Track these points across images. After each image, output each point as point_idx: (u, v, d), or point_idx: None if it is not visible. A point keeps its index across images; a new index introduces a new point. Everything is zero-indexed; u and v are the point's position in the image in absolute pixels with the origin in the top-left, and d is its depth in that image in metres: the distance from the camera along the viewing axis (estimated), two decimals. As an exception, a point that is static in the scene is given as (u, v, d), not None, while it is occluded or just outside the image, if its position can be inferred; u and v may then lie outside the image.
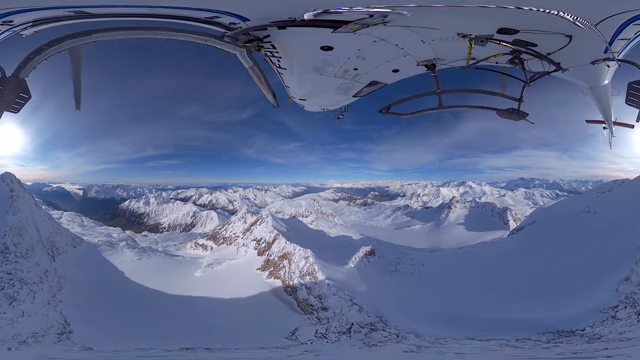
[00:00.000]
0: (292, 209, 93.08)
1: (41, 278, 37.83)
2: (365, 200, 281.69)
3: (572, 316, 30.37)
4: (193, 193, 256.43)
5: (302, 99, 12.92)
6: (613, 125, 13.40)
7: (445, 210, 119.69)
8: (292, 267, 51.68)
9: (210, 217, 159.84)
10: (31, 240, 42.19)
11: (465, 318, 35.12)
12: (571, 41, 8.05)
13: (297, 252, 53.83)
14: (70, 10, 7.64)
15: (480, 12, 7.41)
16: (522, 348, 25.98)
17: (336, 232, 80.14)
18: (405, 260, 60.42)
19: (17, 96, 8.29)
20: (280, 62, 10.45)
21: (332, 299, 43.82)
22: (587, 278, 35.73)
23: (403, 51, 9.62)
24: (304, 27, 8.18)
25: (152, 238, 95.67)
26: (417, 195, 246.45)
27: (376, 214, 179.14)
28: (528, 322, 31.27)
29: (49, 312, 34.15)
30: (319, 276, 47.69)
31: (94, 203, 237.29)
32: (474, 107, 11.57)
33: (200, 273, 54.17)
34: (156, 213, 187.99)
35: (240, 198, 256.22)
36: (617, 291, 30.66)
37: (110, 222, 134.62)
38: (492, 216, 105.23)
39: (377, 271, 55.67)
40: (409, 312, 40.23)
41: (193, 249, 73.10)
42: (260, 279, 52.93)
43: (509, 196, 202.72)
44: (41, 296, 35.54)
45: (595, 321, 28.60)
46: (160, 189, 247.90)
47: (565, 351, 23.24)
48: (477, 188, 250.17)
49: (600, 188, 52.01)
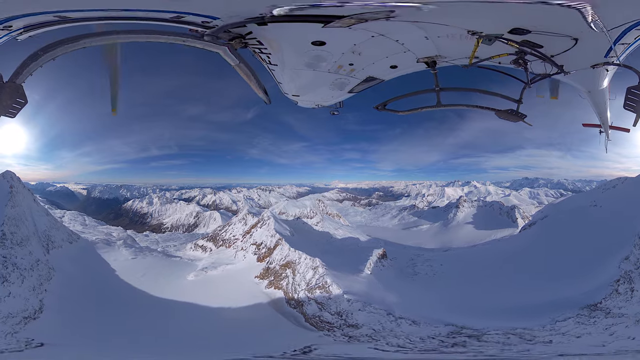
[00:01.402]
0: (296, 210, 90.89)
1: (32, 266, 40.10)
2: (370, 201, 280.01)
3: (589, 292, 35.82)
4: (197, 193, 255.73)
5: (295, 95, 12.66)
6: (609, 129, 13.45)
7: (453, 209, 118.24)
8: (297, 278, 46.88)
9: (213, 218, 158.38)
10: (27, 232, 44.33)
11: (518, 307, 37.71)
12: (576, 44, 7.92)
13: (304, 261, 49.07)
14: (55, 15, 7.70)
15: (496, 9, 7.18)
16: (586, 324, 31.45)
17: (343, 233, 77.98)
18: (420, 262, 59.31)
19: (14, 101, 8.42)
20: (270, 59, 10.09)
21: (361, 315, 38.28)
22: (596, 260, 41.00)
23: (403, 47, 9.28)
24: (289, 23, 7.76)
25: (153, 238, 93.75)
26: (422, 196, 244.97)
27: (382, 214, 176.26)
28: (566, 301, 35.62)
29: (31, 297, 36.38)
30: (334, 290, 42.05)
31: (97, 203, 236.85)
32: (473, 107, 11.40)
33: (193, 277, 51.82)
34: (159, 213, 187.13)
35: (244, 198, 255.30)
36: (619, 267, 36.74)
37: (114, 222, 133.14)
38: (500, 214, 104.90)
39: (395, 276, 53.07)
40: (467, 312, 38.56)
41: (192, 250, 71.17)
42: (258, 288, 49.14)
43: (513, 196, 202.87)
44: (29, 282, 37.86)
45: (606, 294, 34.53)
46: (164, 189, 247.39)
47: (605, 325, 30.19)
48: (481, 188, 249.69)
49: (605, 185, 58.33)
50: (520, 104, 10.25)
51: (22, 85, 8.48)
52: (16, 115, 8.66)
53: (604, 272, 37.73)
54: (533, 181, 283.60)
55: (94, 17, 8.15)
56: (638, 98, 8.95)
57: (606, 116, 12.87)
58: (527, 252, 53.55)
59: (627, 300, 33.36)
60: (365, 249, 59.06)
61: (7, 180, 49.60)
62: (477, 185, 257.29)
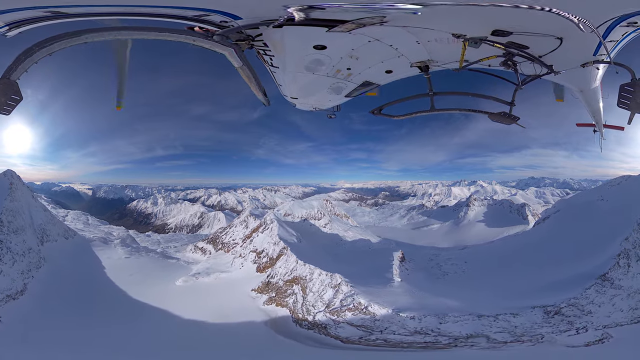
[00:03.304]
0: (303, 211, 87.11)
1: (24, 253, 43.02)
2: (376, 201, 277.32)
3: (600, 264, 42.31)
4: (202, 194, 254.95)
5: (293, 98, 12.71)
6: (603, 128, 13.49)
7: (464, 208, 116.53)
8: (310, 298, 40.15)
9: (217, 218, 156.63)
10: (23, 223, 46.94)
11: (554, 283, 43.66)
12: (562, 43, 7.94)
13: (318, 277, 42.62)
14: (47, 10, 7.45)
15: (476, 12, 7.21)
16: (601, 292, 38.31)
17: (353, 235, 74.98)
18: (442, 261, 58.65)
19: (8, 98, 8.26)
20: (272, 61, 10.19)
21: (450, 326, 34.27)
22: (603, 241, 47.43)
23: (397, 52, 9.50)
24: (298, 26, 7.84)
25: (155, 238, 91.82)
26: (428, 195, 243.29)
27: (390, 214, 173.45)
28: (586, 274, 42.09)
29: (18, 279, 39.27)
30: (377, 310, 35.96)
31: (102, 203, 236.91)
32: (467, 110, 11.48)
33: (182, 282, 48.12)
34: (164, 213, 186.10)
35: (250, 199, 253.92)
36: (620, 245, 43.40)
37: (118, 222, 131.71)
38: (511, 212, 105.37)
39: (425, 278, 51.20)
40: (524, 296, 41.58)
41: (192, 253, 67.92)
42: (254, 303, 43.41)
43: (520, 195, 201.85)
44: (19, 266, 40.90)
45: (611, 265, 40.85)
46: (169, 190, 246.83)
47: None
48: (488, 187, 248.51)
49: (611, 182, 64.47)
50: (512, 106, 10.29)
51: (17, 82, 8.22)
52: (11, 112, 8.51)
53: (609, 249, 44.17)
54: (539, 180, 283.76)
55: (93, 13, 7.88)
56: (631, 95, 8.84)
57: (600, 115, 12.93)
58: (546, 241, 59.10)
59: (624, 273, 39.65)
60: (380, 251, 56.55)
61: (7, 178, 52.81)
62: (483, 184, 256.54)
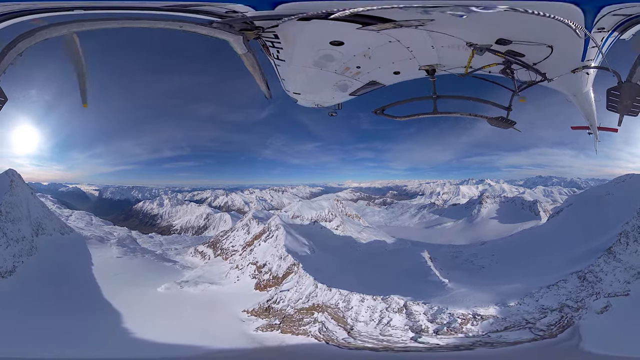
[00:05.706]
0: (312, 212, 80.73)
1: (18, 240, 47.28)
2: (385, 200, 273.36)
3: (606, 241, 47.23)
4: (209, 195, 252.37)
5: (296, 93, 12.61)
6: (597, 130, 13.83)
7: (477, 205, 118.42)
8: (360, 327, 32.12)
9: (223, 220, 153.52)
10: (20, 215, 51.14)
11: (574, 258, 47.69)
12: (553, 51, 8.44)
13: (361, 303, 33.67)
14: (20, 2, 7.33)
15: (487, 22, 7.56)
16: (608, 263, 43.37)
17: (367, 237, 70.82)
18: (468, 257, 60.45)
19: None
20: (279, 53, 9.97)
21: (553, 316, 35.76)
22: (609, 226, 52.17)
23: (411, 54, 9.58)
24: (324, 20, 7.69)
25: (157, 240, 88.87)
26: (437, 194, 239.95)
27: (400, 213, 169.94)
28: (596, 248, 46.57)
29: (8, 260, 43.45)
30: (484, 312, 33.80)
31: (108, 204, 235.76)
32: (467, 115, 11.78)
33: (164, 289, 43.23)
34: (169, 215, 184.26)
35: (257, 199, 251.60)
36: (622, 227, 48.73)
37: (123, 223, 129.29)
38: (523, 209, 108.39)
39: (467, 275, 52.83)
40: (557, 270, 45.34)
41: (192, 256, 64.09)
42: (242, 327, 35.57)
43: (528, 193, 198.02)
44: (12, 249, 45.28)
45: (614, 241, 45.85)
46: (176, 191, 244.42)
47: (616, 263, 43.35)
48: (496, 186, 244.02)
49: (617, 179, 71.56)
50: (510, 111, 10.71)
51: None
52: None
53: (613, 230, 49.74)
54: (546, 179, 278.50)
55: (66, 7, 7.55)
56: (618, 98, 9.00)
57: (593, 118, 13.26)
58: (563, 230, 64.24)
59: (624, 249, 45.02)
60: (400, 252, 55.35)
61: (9, 176, 56.64)
62: (491, 183, 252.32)
